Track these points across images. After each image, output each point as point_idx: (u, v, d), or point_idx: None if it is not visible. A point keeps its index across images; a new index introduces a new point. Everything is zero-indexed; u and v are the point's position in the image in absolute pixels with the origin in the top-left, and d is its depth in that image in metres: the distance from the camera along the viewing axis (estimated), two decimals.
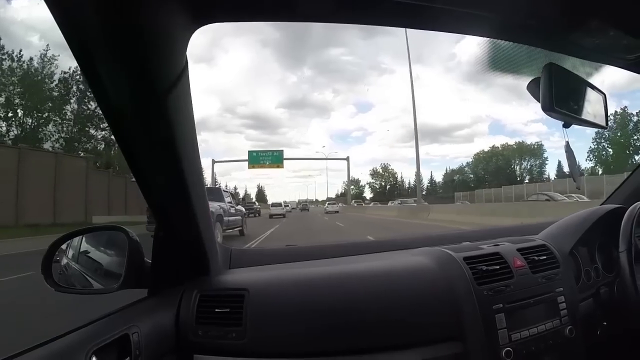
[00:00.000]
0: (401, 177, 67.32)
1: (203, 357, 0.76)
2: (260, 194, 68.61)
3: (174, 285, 0.83)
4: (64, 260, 0.97)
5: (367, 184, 67.88)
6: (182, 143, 0.64)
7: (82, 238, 0.97)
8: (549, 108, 0.62)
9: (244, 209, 11.43)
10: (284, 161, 34.84)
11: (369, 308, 0.77)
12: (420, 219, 15.33)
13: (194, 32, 0.54)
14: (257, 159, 34.14)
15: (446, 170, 65.36)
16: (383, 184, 68.37)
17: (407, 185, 64.37)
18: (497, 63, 0.93)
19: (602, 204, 1.16)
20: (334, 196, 62.69)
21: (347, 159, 42.03)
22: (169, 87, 0.55)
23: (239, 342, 0.74)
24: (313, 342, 0.75)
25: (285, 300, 0.78)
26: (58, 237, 0.91)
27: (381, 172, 69.26)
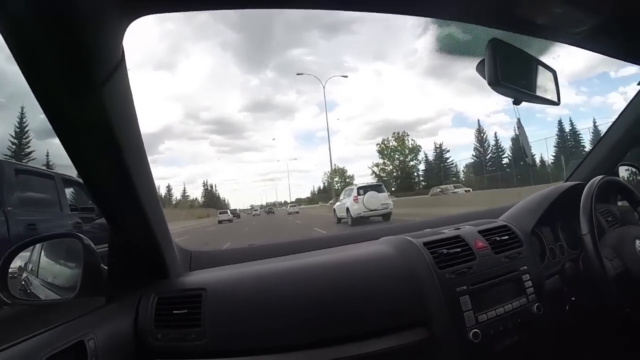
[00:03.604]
0: (441, 149, 39.56)
1: None
2: (210, 197, 52.57)
3: (132, 290, 0.80)
4: (19, 271, 0.93)
5: (373, 166, 42.73)
6: (125, 141, 0.63)
7: (36, 247, 0.93)
8: (495, 83, 0.62)
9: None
10: None
11: (330, 299, 0.76)
12: None
13: (128, 24, 0.53)
14: None
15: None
16: (400, 164, 41.53)
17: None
18: (453, 50, 0.94)
19: (564, 182, 1.19)
20: (309, 194, 54.68)
21: None
22: (104, 80, 0.53)
23: (199, 343, 0.72)
24: (274, 337, 0.73)
25: (244, 297, 0.77)
26: (12, 248, 0.87)
27: (396, 145, 41.95)
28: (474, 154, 35.92)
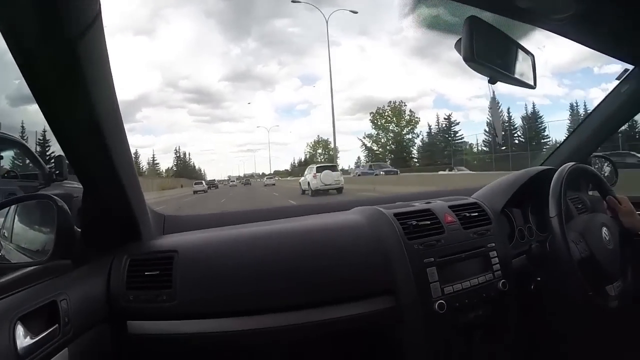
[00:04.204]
0: (449, 121, 33.61)
1: (136, 322, 0.74)
2: (184, 167, 48.05)
3: (105, 252, 0.80)
4: None
5: (365, 137, 38.13)
6: (100, 99, 0.62)
7: (9, 209, 0.92)
8: (469, 58, 0.62)
9: None
10: None
11: (300, 265, 0.77)
12: None
13: None
14: None
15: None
16: (395, 136, 35.99)
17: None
18: (438, 29, 0.94)
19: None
20: (289, 167, 50.95)
21: None
22: (79, 34, 0.52)
23: (170, 304, 0.73)
24: (243, 300, 0.75)
25: (215, 260, 0.78)
26: None
27: (390, 116, 36.45)
28: (487, 129, 31.92)
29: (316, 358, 0.91)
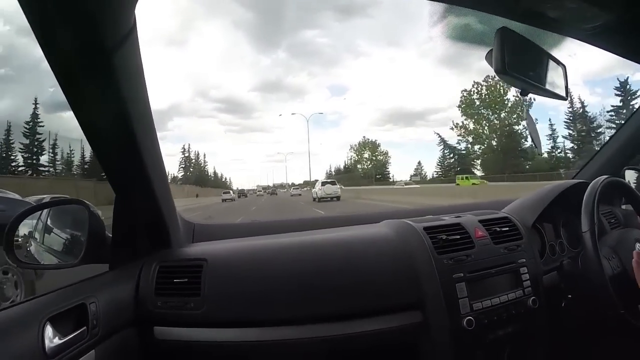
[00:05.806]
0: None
1: (163, 328, 0.75)
2: (197, 173, 46.67)
3: (135, 258, 0.82)
4: (23, 238, 0.95)
5: (454, 127, 27.35)
6: (134, 109, 0.64)
7: (42, 213, 0.95)
8: (501, 71, 0.62)
9: None
10: None
11: (327, 277, 0.77)
12: None
13: None
14: None
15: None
16: (501, 125, 25.01)
17: None
18: (468, 40, 0.93)
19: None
20: (324, 177, 52.84)
21: None
22: (115, 46, 0.55)
23: (197, 312, 0.74)
24: (270, 310, 0.75)
25: (243, 270, 0.78)
26: (19, 213, 0.89)
27: (485, 98, 25.17)
28: None
29: None
